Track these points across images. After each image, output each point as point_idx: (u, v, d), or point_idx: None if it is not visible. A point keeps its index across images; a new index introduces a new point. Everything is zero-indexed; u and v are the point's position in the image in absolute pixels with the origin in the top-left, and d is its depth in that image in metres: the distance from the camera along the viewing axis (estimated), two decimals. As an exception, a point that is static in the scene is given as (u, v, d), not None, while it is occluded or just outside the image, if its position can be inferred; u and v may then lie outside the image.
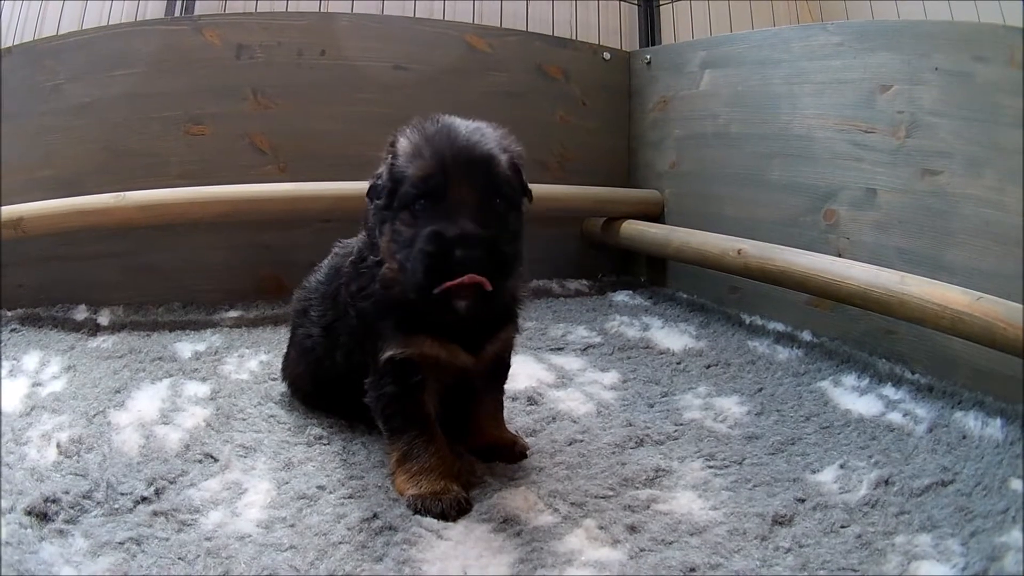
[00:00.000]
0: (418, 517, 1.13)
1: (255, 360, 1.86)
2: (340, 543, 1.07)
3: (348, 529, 1.11)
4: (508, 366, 1.38)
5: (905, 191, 1.83)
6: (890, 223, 1.87)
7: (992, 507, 1.16)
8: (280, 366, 1.65)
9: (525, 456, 1.34)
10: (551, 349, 1.96)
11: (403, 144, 1.19)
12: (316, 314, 1.46)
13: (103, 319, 2.17)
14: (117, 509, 1.15)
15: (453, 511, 1.14)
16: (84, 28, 2.38)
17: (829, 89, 2.04)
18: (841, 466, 1.31)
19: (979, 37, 1.70)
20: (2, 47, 2.35)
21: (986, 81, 1.66)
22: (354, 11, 2.55)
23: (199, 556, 1.04)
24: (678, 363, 1.87)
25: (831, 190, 2.02)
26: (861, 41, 1.97)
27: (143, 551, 1.04)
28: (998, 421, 1.44)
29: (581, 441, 1.42)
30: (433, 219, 1.11)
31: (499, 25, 2.72)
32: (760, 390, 1.69)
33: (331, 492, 1.22)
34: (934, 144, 1.77)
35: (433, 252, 1.09)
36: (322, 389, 1.49)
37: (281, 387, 1.64)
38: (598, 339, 2.05)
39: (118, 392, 1.63)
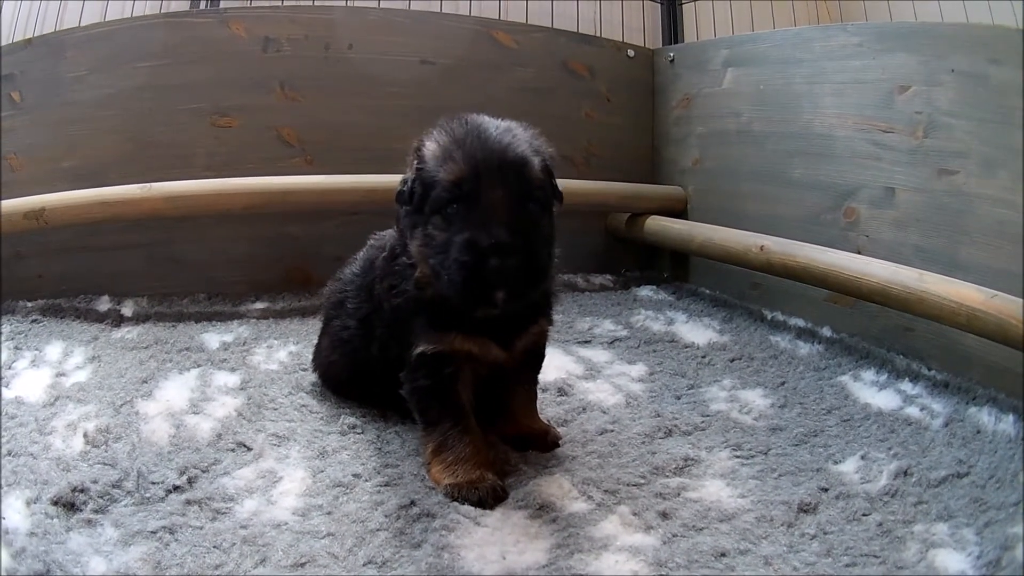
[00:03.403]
0: (455, 504, 1.13)
1: (284, 351, 1.86)
2: (378, 530, 1.08)
3: (385, 516, 1.11)
4: (542, 357, 1.39)
5: (922, 190, 1.84)
6: (908, 221, 1.87)
7: (1005, 499, 1.18)
8: (310, 357, 1.66)
9: (558, 445, 1.35)
10: (578, 342, 1.97)
11: (431, 148, 1.17)
12: (352, 306, 1.46)
13: (127, 310, 2.18)
14: (148, 498, 1.15)
15: (490, 499, 1.15)
16: (107, 20, 2.39)
17: (849, 89, 2.05)
18: (862, 457, 1.33)
19: (994, 40, 1.71)
20: (18, 39, 2.37)
21: (1000, 83, 1.67)
22: (381, 5, 2.56)
23: (235, 544, 1.04)
24: (703, 356, 1.87)
25: (851, 188, 2.02)
26: (880, 42, 1.97)
27: (176, 540, 1.04)
28: (1011, 417, 1.45)
29: (611, 431, 1.43)
30: (467, 225, 1.10)
31: (525, 21, 2.73)
32: (783, 383, 1.70)
33: (367, 480, 1.22)
34: (950, 144, 1.78)
35: (469, 263, 1.08)
36: (358, 379, 1.49)
37: (312, 377, 1.65)
38: (624, 332, 2.05)
39: (145, 382, 1.63)
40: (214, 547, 1.03)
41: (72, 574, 0.95)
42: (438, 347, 1.21)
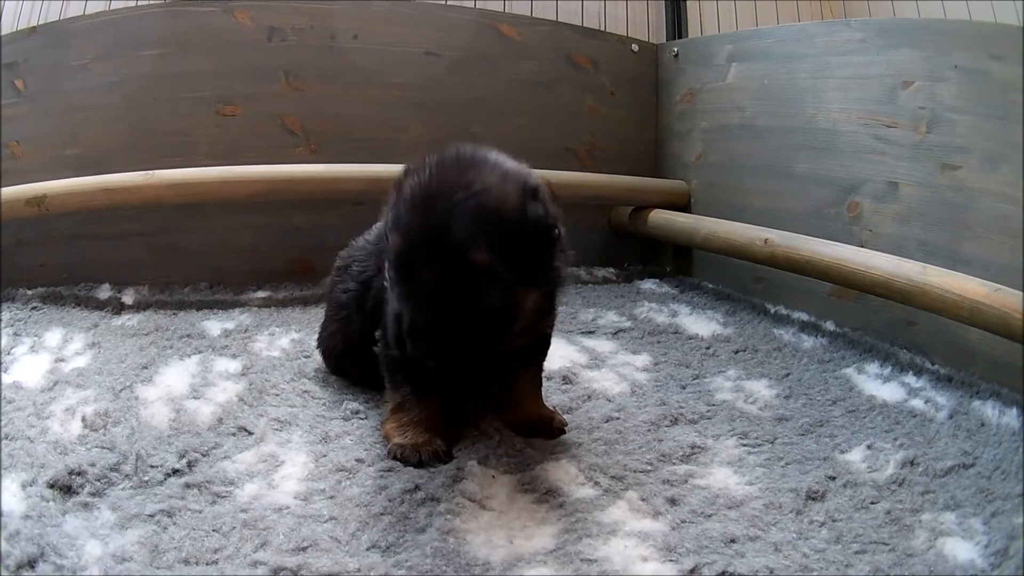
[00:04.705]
0: (460, 488, 1.12)
1: (286, 338, 1.85)
2: (382, 514, 1.07)
3: (389, 500, 1.10)
4: (547, 344, 1.37)
5: (926, 185, 1.84)
6: (911, 216, 1.87)
7: (1011, 490, 1.17)
8: (313, 344, 1.65)
9: (563, 432, 1.34)
10: (582, 332, 1.96)
11: (397, 199, 1.13)
12: (358, 269, 1.46)
13: (127, 298, 2.16)
14: (147, 482, 1.13)
15: (429, 461, 1.18)
16: (112, 8, 2.38)
17: (853, 84, 2.04)
18: (868, 447, 1.33)
19: (995, 37, 1.71)
20: (22, 27, 2.36)
21: (1002, 79, 1.67)
22: (386, -4, 2.55)
23: (235, 528, 1.02)
24: (707, 348, 1.86)
25: (855, 183, 2.02)
26: (883, 38, 1.97)
27: (175, 523, 1.02)
28: (1014, 411, 1.45)
29: (617, 419, 1.42)
30: (400, 294, 1.09)
31: (529, 14, 2.72)
32: (787, 375, 1.69)
33: (370, 465, 1.21)
34: (953, 139, 1.77)
35: (397, 333, 1.09)
36: (350, 348, 1.49)
37: (314, 364, 1.64)
38: (628, 324, 2.05)
39: (145, 368, 1.61)
40: (213, 530, 1.01)
41: (67, 557, 0.93)
42: None
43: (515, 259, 1.08)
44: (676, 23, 2.92)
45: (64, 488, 1.09)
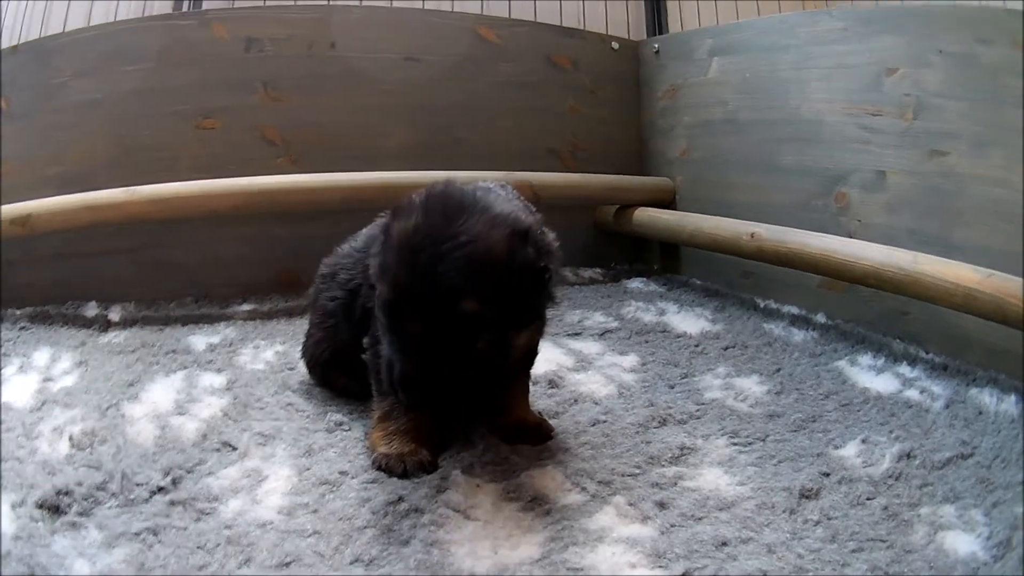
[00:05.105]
0: (444, 499, 1.11)
1: (271, 351, 1.84)
2: (365, 527, 1.05)
3: (373, 513, 1.08)
4: (535, 352, 1.36)
5: (914, 172, 1.83)
6: (900, 204, 1.86)
7: (1011, 479, 1.17)
8: (298, 355, 1.63)
9: (550, 437, 1.33)
10: (568, 334, 1.94)
11: (384, 245, 1.12)
12: (345, 277, 1.44)
13: (114, 315, 2.14)
14: (132, 500, 1.12)
15: (414, 472, 1.18)
16: (91, 25, 2.37)
17: (836, 73, 2.04)
18: (863, 441, 1.31)
19: (981, 20, 1.70)
20: (4, 46, 2.34)
21: (990, 62, 1.66)
22: (363, 3, 2.54)
23: (219, 545, 1.01)
24: (696, 346, 1.85)
25: (841, 173, 2.01)
26: (866, 25, 1.96)
27: (160, 541, 1.02)
28: (1012, 397, 1.44)
29: (604, 422, 1.41)
30: (392, 343, 1.09)
31: (508, 16, 2.71)
32: (778, 370, 1.68)
33: (354, 477, 1.19)
34: (941, 125, 1.77)
35: (389, 383, 1.10)
36: (338, 356, 1.48)
37: (298, 376, 1.63)
38: (615, 324, 2.03)
39: (131, 385, 1.60)
40: (198, 548, 1.00)
41: None
42: None
43: (505, 305, 1.08)
44: (656, 20, 2.92)
45: (52, 508, 1.09)
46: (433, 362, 1.06)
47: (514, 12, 2.75)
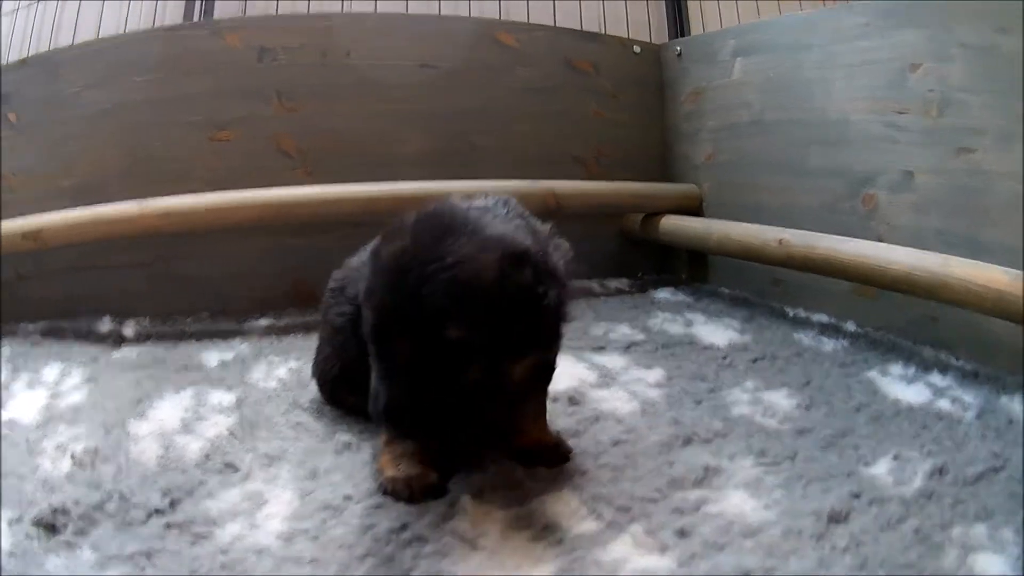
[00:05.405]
0: (450, 527, 1.05)
1: (284, 368, 1.79)
2: (366, 556, 1.00)
3: (375, 541, 1.03)
4: (551, 371, 1.29)
5: (941, 171, 1.75)
6: (928, 205, 1.78)
7: None
8: (311, 372, 1.59)
9: (567, 459, 1.26)
10: (593, 348, 1.87)
11: (373, 268, 1.09)
12: (353, 291, 1.39)
13: (128, 330, 2.13)
14: (129, 521, 1.10)
15: (420, 496, 1.12)
16: (101, 37, 2.39)
17: (860, 71, 1.96)
18: (895, 457, 1.24)
19: (998, 8, 1.61)
20: (12, 59, 2.37)
21: (1011, 52, 1.57)
22: (378, 10, 2.52)
23: (212, 570, 0.98)
24: (723, 358, 1.78)
25: (869, 174, 1.93)
26: (886, 19, 1.88)
27: (153, 565, 0.99)
28: (1042, 405, 1.37)
29: (626, 441, 1.33)
30: (378, 370, 1.06)
31: (526, 20, 2.67)
32: (808, 383, 1.60)
33: (358, 502, 1.14)
34: (967, 121, 1.68)
35: (375, 411, 1.07)
36: (346, 373, 1.43)
37: (310, 393, 1.58)
38: (641, 336, 1.96)
39: (139, 402, 1.57)
40: (191, 572, 0.97)
41: None
42: None
43: (497, 332, 1.03)
44: (677, 22, 2.86)
45: (48, 526, 1.07)
46: (420, 390, 1.02)
47: (533, 16, 2.71)
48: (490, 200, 1.21)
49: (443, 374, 1.02)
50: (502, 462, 1.24)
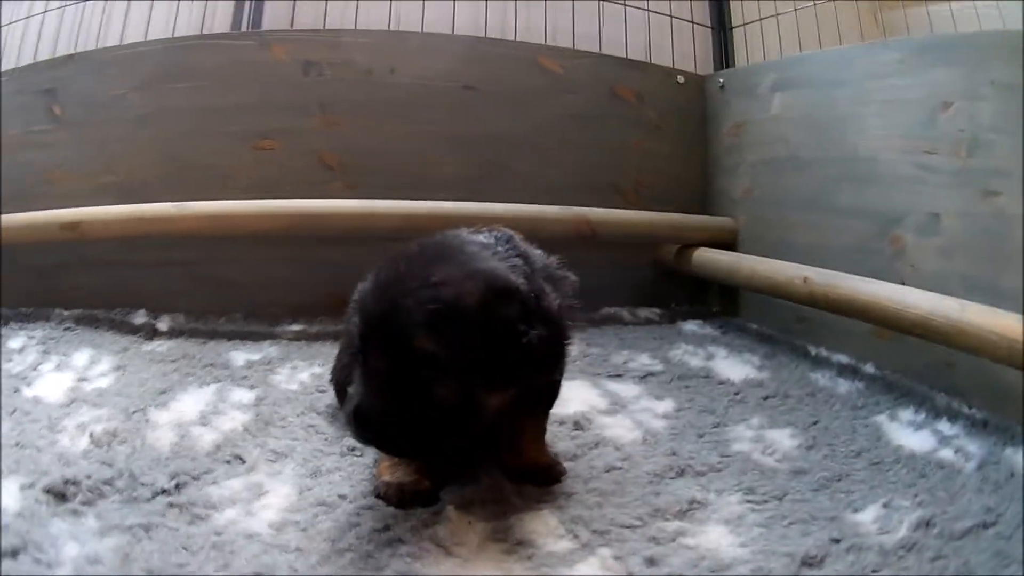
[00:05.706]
0: (428, 532, 1.08)
1: (307, 372, 1.84)
2: (346, 551, 1.04)
3: (358, 538, 1.07)
4: (555, 394, 1.33)
5: (967, 215, 1.73)
6: (953, 249, 1.76)
7: None
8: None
9: (559, 481, 1.28)
10: (610, 376, 1.89)
11: (371, 279, 1.15)
12: None
13: (162, 325, 2.20)
14: (135, 497, 1.17)
15: (409, 502, 1.16)
16: (148, 39, 2.45)
17: (893, 108, 1.95)
18: (884, 505, 1.22)
19: None
20: (58, 53, 2.43)
21: None
22: (424, 30, 2.55)
23: (203, 548, 1.04)
24: (736, 393, 1.77)
25: (897, 215, 1.91)
26: (920, 56, 1.88)
27: (149, 537, 1.05)
28: (1047, 458, 1.33)
29: (620, 468, 1.34)
30: (360, 375, 1.10)
31: (571, 47, 2.68)
32: (815, 423, 1.58)
33: (351, 502, 1.18)
34: (994, 163, 1.66)
35: (344, 412, 1.13)
36: None
37: (328, 399, 1.63)
38: (660, 367, 1.97)
39: (163, 393, 1.64)
40: (183, 548, 1.03)
41: (46, 553, 0.99)
42: None
43: (471, 357, 1.07)
44: (723, 53, 2.85)
45: (58, 495, 1.15)
46: (390, 401, 1.06)
47: (578, 43, 2.70)
48: (493, 235, 1.25)
49: (413, 388, 1.06)
50: (492, 476, 1.26)
